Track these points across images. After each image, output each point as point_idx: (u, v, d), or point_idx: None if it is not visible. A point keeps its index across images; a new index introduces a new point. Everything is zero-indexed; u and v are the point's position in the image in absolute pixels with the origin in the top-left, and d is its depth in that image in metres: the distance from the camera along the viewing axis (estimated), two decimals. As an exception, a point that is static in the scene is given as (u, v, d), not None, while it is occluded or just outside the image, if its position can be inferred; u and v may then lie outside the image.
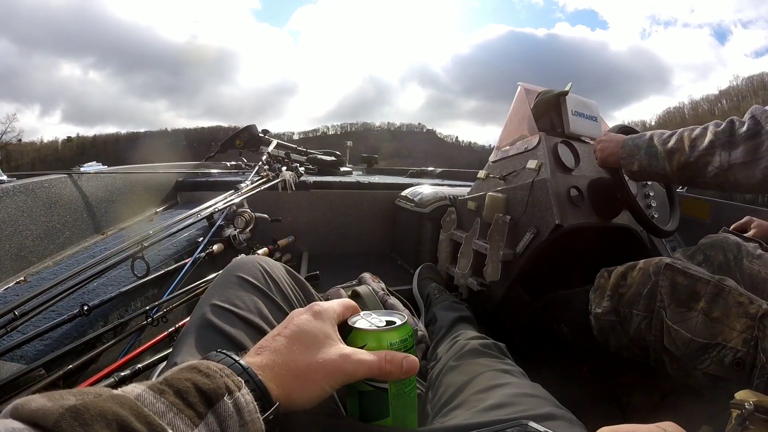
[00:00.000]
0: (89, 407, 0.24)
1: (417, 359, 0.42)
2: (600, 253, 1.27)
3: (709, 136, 0.81)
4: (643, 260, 0.89)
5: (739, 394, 0.52)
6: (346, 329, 0.44)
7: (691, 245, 1.10)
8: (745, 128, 0.77)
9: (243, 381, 0.33)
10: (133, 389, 0.28)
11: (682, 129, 0.88)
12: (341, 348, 0.40)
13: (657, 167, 0.90)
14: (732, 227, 1.17)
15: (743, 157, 0.76)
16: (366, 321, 0.46)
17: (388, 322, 0.45)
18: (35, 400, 0.24)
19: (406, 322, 0.45)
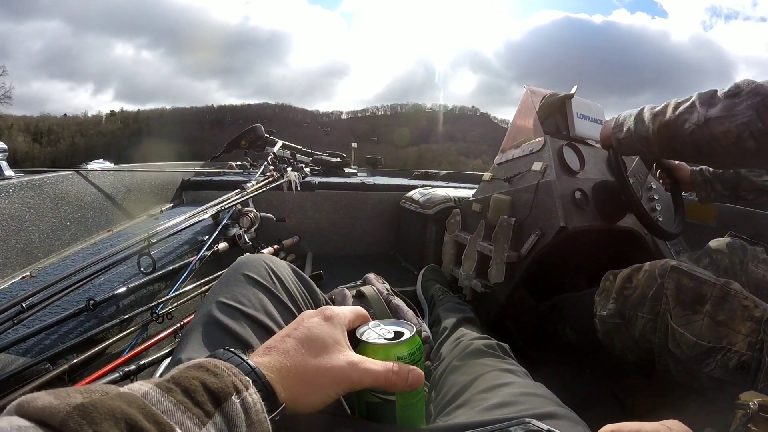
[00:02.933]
0: (97, 405, 0.24)
1: (422, 372, 0.42)
2: (604, 256, 1.26)
3: (692, 99, 0.82)
4: (648, 263, 0.89)
5: (744, 395, 0.52)
6: (354, 340, 0.44)
7: (696, 249, 1.10)
8: (725, 90, 0.78)
9: (251, 381, 0.32)
10: (140, 387, 0.28)
11: (674, 99, 0.89)
12: (349, 355, 0.40)
13: (641, 131, 0.91)
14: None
15: (720, 112, 0.76)
16: (374, 332, 0.45)
17: (396, 333, 0.45)
18: (41, 398, 0.24)
19: (414, 334, 0.45)
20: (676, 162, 1.23)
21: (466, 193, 1.77)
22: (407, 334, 0.45)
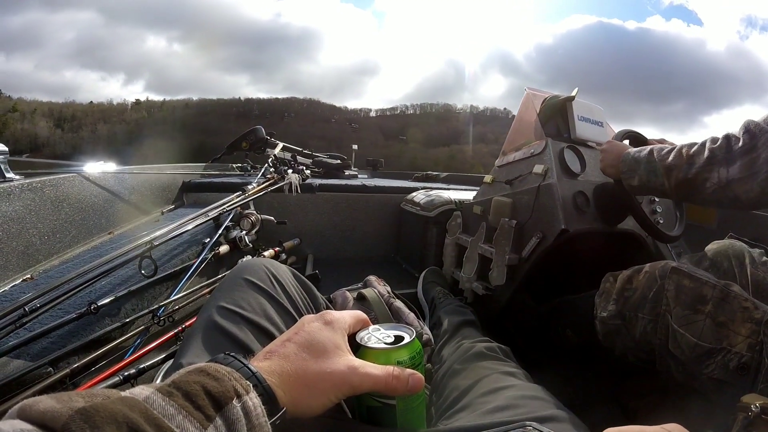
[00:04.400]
0: (99, 409, 0.24)
1: (423, 376, 0.42)
2: (605, 259, 1.26)
3: (706, 153, 0.81)
4: (649, 264, 0.89)
5: (746, 398, 0.52)
6: (354, 345, 0.44)
7: (697, 251, 1.10)
8: (741, 143, 0.77)
9: (251, 385, 0.33)
10: (141, 391, 0.28)
11: (681, 144, 0.88)
12: (350, 359, 0.40)
13: (656, 183, 0.91)
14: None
15: (740, 173, 0.76)
16: (374, 337, 0.45)
17: (397, 338, 0.45)
18: (43, 402, 0.24)
19: (414, 338, 0.45)
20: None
21: (467, 195, 1.77)
22: (407, 339, 0.45)
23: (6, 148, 1.30)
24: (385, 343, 0.44)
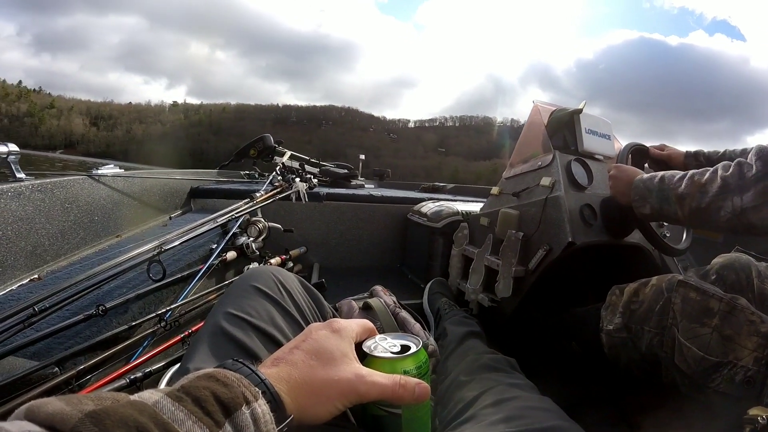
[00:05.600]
0: (109, 413, 0.24)
1: (429, 386, 0.42)
2: (612, 272, 1.26)
3: (719, 181, 0.80)
4: (655, 277, 0.89)
5: (752, 411, 0.52)
6: (361, 353, 0.44)
7: (703, 265, 1.10)
8: (754, 170, 0.76)
9: (260, 392, 0.33)
10: (151, 396, 0.28)
11: (692, 172, 0.87)
12: (357, 368, 0.40)
13: (669, 211, 0.90)
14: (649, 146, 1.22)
15: (754, 200, 0.76)
16: (381, 346, 0.46)
17: (403, 347, 0.45)
18: (52, 403, 0.24)
19: (420, 348, 0.45)
20: (667, 152, 1.23)
21: (474, 206, 1.77)
22: (414, 348, 0.45)
23: (17, 148, 1.31)
24: (392, 353, 0.44)
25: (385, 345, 0.46)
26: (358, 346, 0.45)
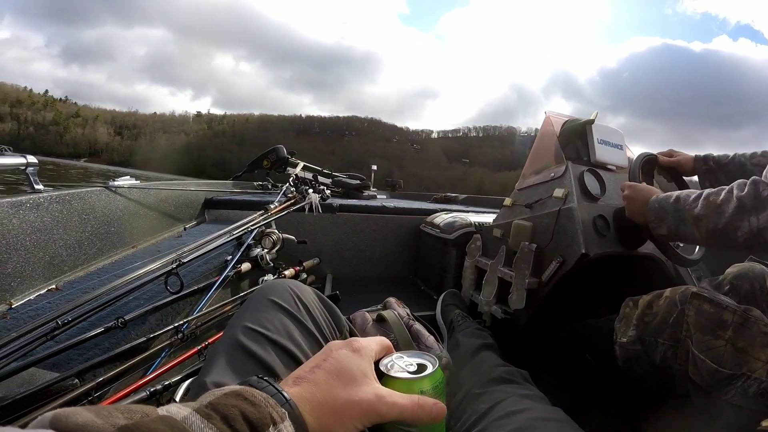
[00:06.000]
0: (141, 428, 0.24)
1: (445, 406, 0.42)
2: (625, 283, 1.25)
3: (734, 201, 0.80)
4: (669, 289, 0.89)
5: (765, 422, 0.52)
6: (378, 372, 0.45)
7: (717, 275, 1.09)
8: None
9: (286, 413, 0.33)
10: (179, 410, 0.28)
11: (707, 191, 0.87)
12: (377, 388, 0.40)
13: (686, 232, 0.90)
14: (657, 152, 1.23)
15: None
16: (397, 365, 0.46)
17: (419, 366, 0.46)
18: (81, 414, 0.24)
19: (437, 368, 0.45)
20: (676, 158, 1.23)
21: (487, 218, 1.77)
22: (430, 368, 0.45)
23: (36, 160, 1.33)
24: (409, 372, 0.45)
25: (401, 364, 0.46)
26: (376, 365, 0.45)
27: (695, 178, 1.24)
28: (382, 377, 0.44)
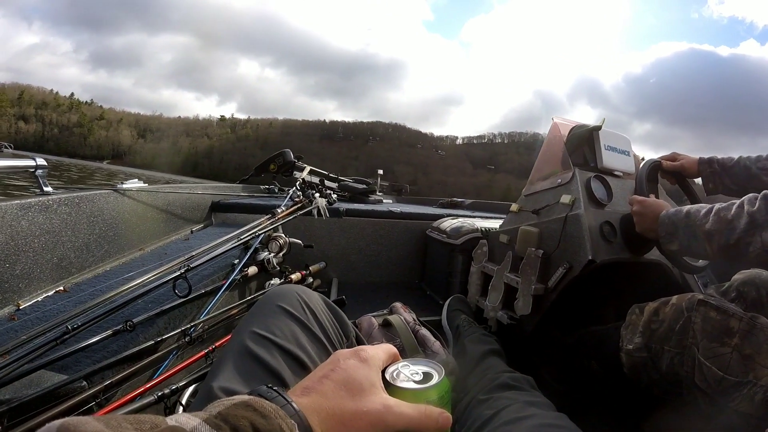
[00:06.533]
0: None
1: (451, 415, 0.42)
2: (631, 289, 1.24)
3: (746, 217, 0.80)
4: (675, 296, 0.89)
5: None
6: (384, 381, 0.44)
7: (723, 281, 1.08)
8: None
9: (295, 424, 0.33)
10: (188, 421, 0.28)
11: (718, 207, 0.86)
12: (385, 398, 0.40)
13: (697, 248, 0.89)
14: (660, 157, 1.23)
15: None
16: (403, 374, 0.46)
17: (425, 375, 0.45)
18: (90, 424, 0.23)
19: (443, 377, 0.45)
20: (680, 162, 1.23)
21: (493, 223, 1.77)
22: (436, 377, 0.45)
23: (45, 162, 1.34)
24: (415, 382, 0.45)
25: (407, 372, 0.46)
26: (382, 373, 0.45)
27: (699, 180, 1.24)
28: (389, 387, 0.44)
